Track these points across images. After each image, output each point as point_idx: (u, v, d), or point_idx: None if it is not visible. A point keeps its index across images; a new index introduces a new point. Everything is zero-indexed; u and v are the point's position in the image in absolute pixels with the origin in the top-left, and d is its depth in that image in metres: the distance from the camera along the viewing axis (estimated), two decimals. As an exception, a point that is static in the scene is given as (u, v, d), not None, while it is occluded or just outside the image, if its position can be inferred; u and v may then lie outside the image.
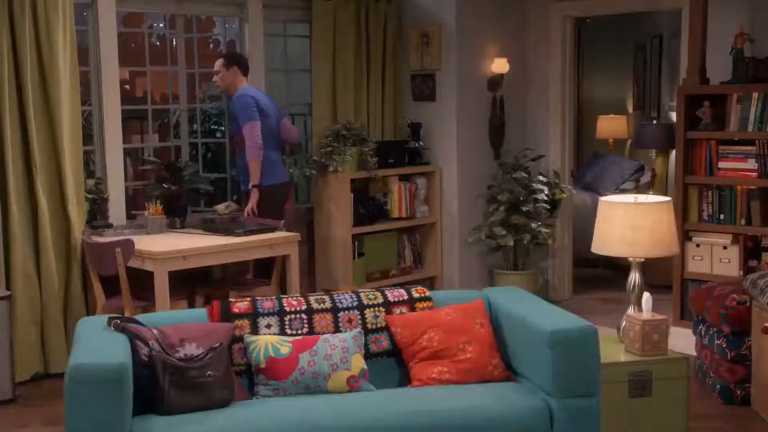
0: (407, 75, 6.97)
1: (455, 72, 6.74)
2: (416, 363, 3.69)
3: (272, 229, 5.48)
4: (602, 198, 4.00)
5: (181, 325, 3.59)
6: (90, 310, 5.36)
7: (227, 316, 3.68)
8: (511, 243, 6.66)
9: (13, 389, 4.94)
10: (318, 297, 3.82)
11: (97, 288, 5.17)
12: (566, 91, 7.09)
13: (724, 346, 4.65)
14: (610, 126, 9.57)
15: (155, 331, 3.49)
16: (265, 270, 5.75)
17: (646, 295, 3.88)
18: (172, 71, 6.49)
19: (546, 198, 6.73)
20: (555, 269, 7.22)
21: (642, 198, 3.94)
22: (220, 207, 5.99)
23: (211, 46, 9.89)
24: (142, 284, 5.12)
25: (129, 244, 4.97)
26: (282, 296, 3.83)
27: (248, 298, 3.80)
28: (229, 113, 5.95)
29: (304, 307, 3.75)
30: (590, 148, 10.13)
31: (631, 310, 3.96)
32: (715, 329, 4.77)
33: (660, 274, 6.37)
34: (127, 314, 4.78)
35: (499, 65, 6.86)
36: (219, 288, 5.62)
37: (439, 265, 6.92)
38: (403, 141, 6.76)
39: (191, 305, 5.62)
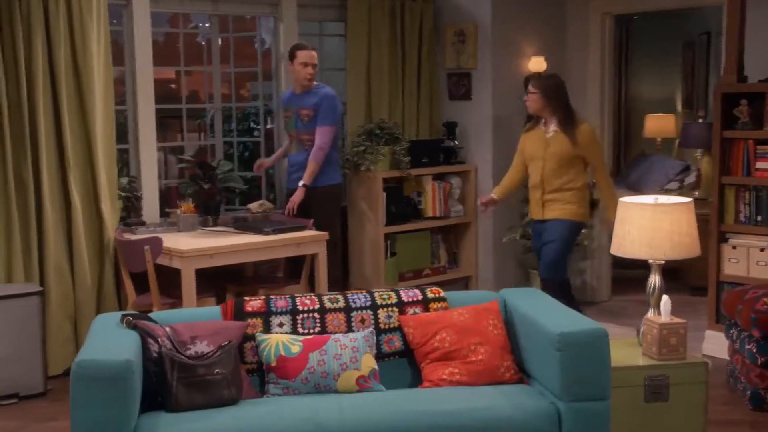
0: (443, 74, 6.94)
1: (491, 70, 6.69)
2: (428, 364, 3.67)
3: (301, 228, 5.50)
4: (621, 199, 3.93)
5: (193, 322, 3.62)
6: (122, 306, 5.45)
7: (240, 314, 3.71)
8: (546, 243, 6.57)
9: (44, 383, 5.04)
10: (331, 296, 3.82)
11: (128, 284, 5.26)
12: (605, 90, 6.99)
13: (754, 350, 4.54)
14: (658, 125, 9.40)
15: (168, 329, 3.52)
16: (298, 269, 5.78)
17: (665, 298, 3.80)
18: (210, 71, 6.55)
19: (584, 198, 6.64)
20: (593, 270, 7.12)
21: (662, 199, 3.86)
22: (254, 205, 6.03)
23: (256, 45, 9.97)
24: (171, 281, 5.19)
25: (157, 241, 5.04)
26: (296, 295, 3.84)
27: (262, 297, 3.82)
28: (309, 108, 5.80)
29: (317, 307, 3.76)
30: (637, 147, 9.99)
31: (650, 313, 3.89)
32: (745, 333, 4.66)
33: (699, 276, 6.24)
34: (155, 311, 4.86)
35: (536, 63, 6.79)
36: (249, 286, 5.65)
37: (474, 265, 6.88)
38: (437, 140, 6.73)
39: (220, 303, 5.66)
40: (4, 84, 5.05)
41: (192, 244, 5.12)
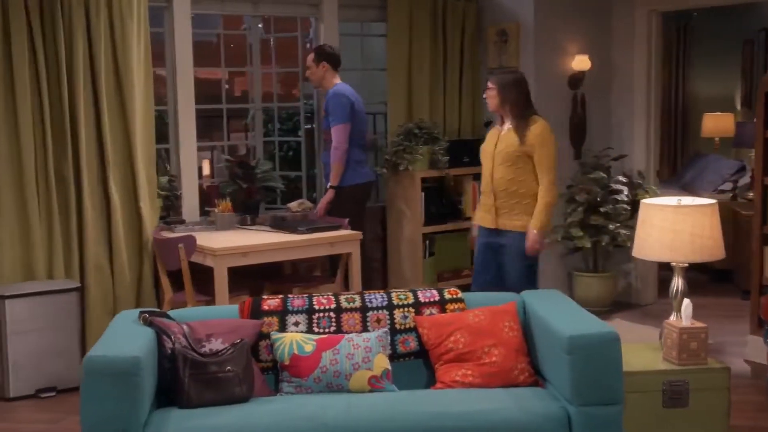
0: (485, 73, 6.89)
1: (533, 70, 6.61)
2: (441, 365, 3.66)
3: (336, 228, 5.53)
4: (643, 201, 3.86)
5: (209, 320, 3.67)
6: (160, 303, 5.55)
7: (257, 313, 3.75)
8: (589, 244, 6.50)
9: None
10: (348, 296, 3.84)
11: (165, 282, 5.36)
12: (651, 89, 6.86)
13: (790, 357, 4.42)
14: (716, 124, 9.19)
15: (185, 326, 3.58)
16: (335, 268, 5.81)
17: (686, 302, 3.72)
18: (251, 71, 6.63)
19: (627, 198, 6.54)
20: (638, 272, 7.00)
21: (686, 200, 3.78)
22: (294, 204, 6.10)
23: (308, 45, 10.07)
24: (209, 279, 5.26)
25: (191, 240, 5.11)
26: (314, 294, 3.87)
27: (280, 296, 3.85)
28: (323, 108, 5.95)
29: (333, 306, 3.78)
30: (696, 147, 9.79)
31: (673, 317, 3.81)
32: (782, 339, 4.54)
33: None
34: (189, 307, 4.95)
35: (581, 62, 6.71)
36: (285, 284, 5.70)
37: (516, 266, 6.80)
38: (477, 140, 6.67)
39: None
40: (46, 85, 5.19)
41: (225, 242, 5.18)
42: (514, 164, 4.78)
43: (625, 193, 6.54)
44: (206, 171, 7.53)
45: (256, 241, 5.27)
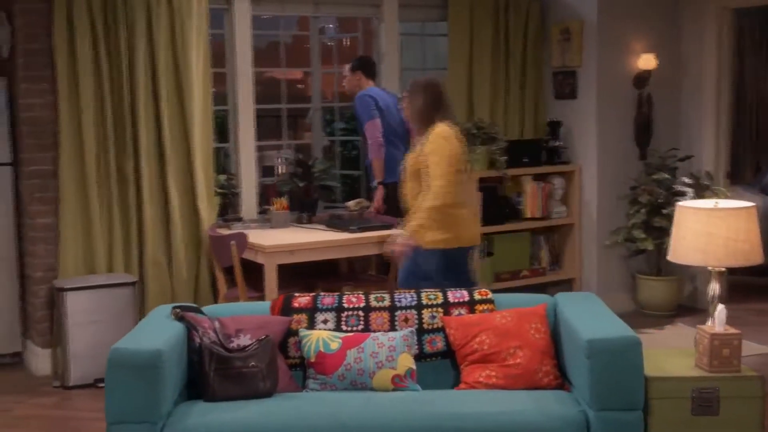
0: (549, 73, 6.83)
1: (597, 69, 6.52)
2: (467, 365, 3.66)
3: (388, 227, 5.56)
4: (678, 203, 3.77)
5: (240, 316, 3.76)
6: (217, 299, 5.68)
7: (287, 310, 3.82)
8: (651, 247, 6.37)
9: (139, 368, 5.32)
10: (378, 295, 3.87)
11: (219, 278, 5.49)
12: (722, 88, 6.66)
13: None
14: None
15: (215, 322, 3.67)
16: (388, 266, 5.85)
17: (720, 307, 3.62)
18: (313, 71, 6.73)
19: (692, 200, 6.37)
20: (704, 276, 6.79)
21: (723, 203, 3.67)
22: (351, 203, 6.15)
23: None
24: (262, 276, 5.36)
25: (242, 237, 5.23)
26: (345, 293, 3.91)
27: (311, 294, 3.91)
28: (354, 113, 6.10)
29: (362, 305, 3.82)
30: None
31: (709, 322, 3.71)
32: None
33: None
34: (241, 301, 5.06)
35: (646, 61, 6.57)
36: (337, 282, 5.76)
37: (578, 268, 6.73)
38: (537, 140, 6.63)
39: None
40: (108, 86, 5.38)
41: (276, 240, 5.27)
42: (418, 178, 4.54)
43: (691, 194, 6.37)
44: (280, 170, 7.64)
45: (306, 239, 5.34)
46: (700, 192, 6.44)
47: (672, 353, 3.81)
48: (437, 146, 4.43)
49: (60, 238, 5.37)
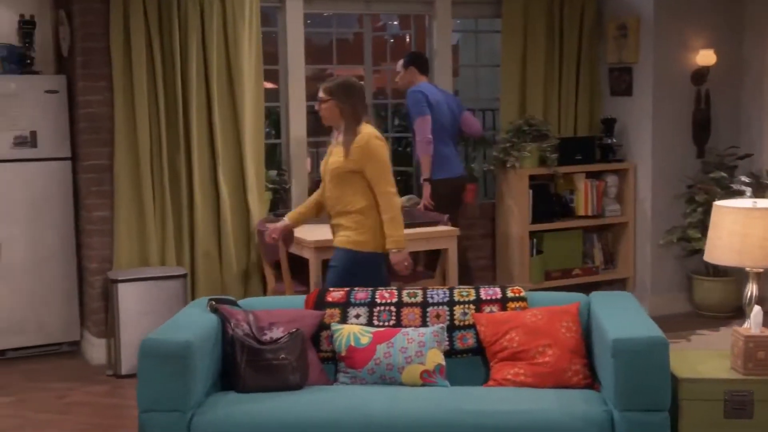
0: (604, 69, 6.75)
1: (653, 65, 6.42)
2: (496, 363, 3.67)
3: (434, 223, 5.58)
4: (715, 203, 3.70)
5: (274, 309, 3.83)
6: (265, 292, 5.77)
7: (321, 304, 3.87)
8: (707, 247, 6.24)
9: (188, 359, 5.46)
10: (410, 291, 3.90)
11: (268, 272, 5.59)
12: (786, 85, 6.50)
13: None
14: None
15: (250, 315, 3.75)
16: (435, 263, 5.87)
17: (756, 309, 3.55)
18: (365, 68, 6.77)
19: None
20: (766, 278, 6.64)
21: (762, 203, 3.60)
22: (402, 199, 6.16)
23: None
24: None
25: (289, 232, 5.29)
26: (378, 288, 3.95)
27: (345, 289, 3.96)
28: (405, 109, 6.14)
29: (394, 300, 3.85)
30: None
31: (746, 324, 3.65)
32: None
33: None
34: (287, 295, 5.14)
35: (705, 57, 6.44)
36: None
37: (632, 268, 6.64)
38: (590, 137, 6.56)
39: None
40: (162, 84, 5.51)
41: (322, 235, 5.31)
42: (344, 182, 4.40)
43: (749, 194, 6.23)
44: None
45: (352, 234, 5.38)
46: (760, 191, 6.29)
47: (708, 355, 3.76)
48: (372, 151, 4.36)
49: (115, 231, 5.53)
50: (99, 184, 5.56)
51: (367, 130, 4.41)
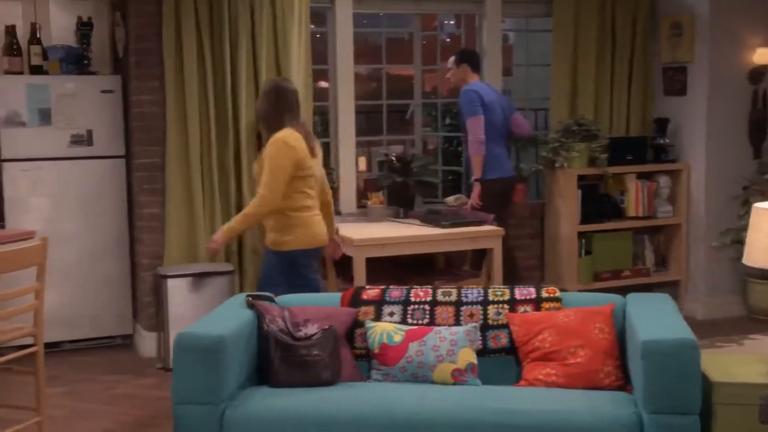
0: (658, 68, 6.65)
1: (708, 64, 6.31)
2: (528, 363, 3.66)
3: (480, 223, 5.58)
4: (755, 204, 3.63)
5: (309, 306, 3.88)
6: (312, 289, 5.83)
7: (356, 302, 3.91)
8: (761, 249, 6.11)
9: (235, 354, 5.55)
10: (445, 290, 3.92)
11: (313, 269, 5.65)
12: None
13: None
14: None
15: (286, 311, 3.81)
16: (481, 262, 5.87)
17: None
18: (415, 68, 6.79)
19: (808, 202, 6.08)
20: (826, 282, 6.48)
21: (805, 205, 3.52)
22: (450, 199, 6.20)
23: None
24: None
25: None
26: (413, 287, 3.97)
27: (381, 287, 3.99)
28: (458, 108, 6.14)
29: (429, 299, 3.87)
30: None
31: (786, 329, 3.58)
32: None
33: None
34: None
35: (762, 56, 6.31)
36: (429, 277, 5.81)
37: (684, 270, 6.54)
38: (640, 137, 6.48)
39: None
40: (211, 81, 5.62)
41: (367, 233, 5.38)
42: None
43: (807, 196, 6.08)
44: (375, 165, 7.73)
45: (397, 233, 5.43)
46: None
47: (745, 359, 3.69)
48: (273, 153, 4.44)
49: (165, 228, 5.65)
50: (151, 182, 5.69)
51: (281, 134, 4.48)
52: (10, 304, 4.02)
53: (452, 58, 6.10)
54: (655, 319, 3.46)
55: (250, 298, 3.83)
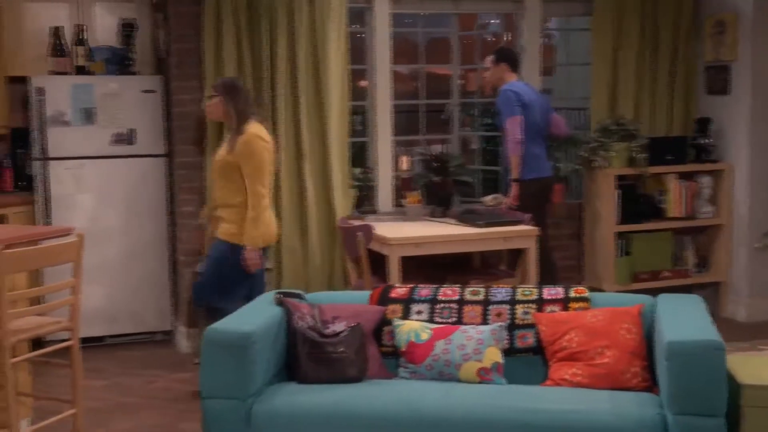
0: (701, 67, 6.57)
1: (752, 63, 6.22)
2: (555, 362, 3.66)
3: (516, 223, 5.57)
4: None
5: (338, 304, 3.92)
6: (348, 287, 5.88)
7: (384, 300, 3.94)
8: (804, 252, 6.03)
9: (271, 351, 5.62)
10: (473, 289, 3.93)
11: (349, 267, 5.69)
12: None
13: None
14: None
15: (315, 308, 3.85)
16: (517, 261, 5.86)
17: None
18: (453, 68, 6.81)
19: None
20: None
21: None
22: (488, 199, 6.19)
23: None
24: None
25: (368, 229, 5.39)
26: (442, 286, 3.99)
27: (409, 285, 4.02)
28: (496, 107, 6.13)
29: (456, 298, 3.89)
30: None
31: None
32: None
33: None
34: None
35: (808, 54, 6.21)
36: (464, 276, 5.82)
37: (725, 271, 6.45)
38: (681, 137, 6.40)
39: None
40: (250, 82, 5.69)
41: (402, 232, 5.40)
42: (226, 176, 4.61)
43: None
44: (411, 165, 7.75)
45: (432, 232, 5.44)
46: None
47: (777, 362, 3.64)
48: (253, 150, 4.55)
49: (204, 226, 5.73)
50: (189, 181, 5.78)
51: (254, 129, 4.60)
52: (49, 299, 4.12)
53: (490, 58, 6.09)
54: (682, 320, 3.44)
55: (280, 295, 3.88)
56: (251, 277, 4.66)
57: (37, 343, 4.56)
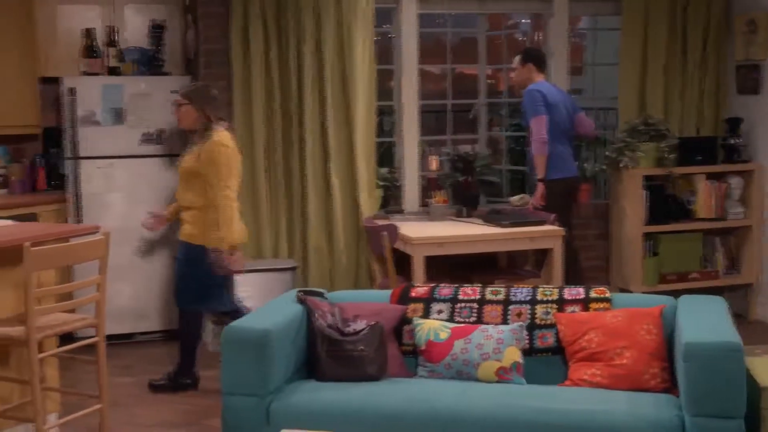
0: (731, 67, 6.51)
1: (782, 63, 6.16)
2: (574, 363, 3.65)
3: (541, 223, 5.56)
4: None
5: (359, 303, 3.95)
6: (373, 286, 5.91)
7: (405, 299, 3.96)
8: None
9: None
10: (493, 289, 3.94)
11: (374, 266, 5.73)
12: None
13: None
14: None
15: (336, 307, 3.88)
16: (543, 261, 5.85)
17: None
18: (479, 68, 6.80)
19: None
20: None
21: None
22: (515, 198, 6.19)
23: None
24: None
25: (393, 228, 5.41)
26: (463, 285, 4.00)
27: (430, 284, 4.03)
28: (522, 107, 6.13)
29: (477, 297, 3.90)
30: None
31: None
32: None
33: None
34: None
35: (840, 53, 6.12)
36: (489, 275, 5.82)
37: (756, 273, 6.38)
38: (710, 137, 6.35)
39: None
40: (277, 81, 5.75)
41: (426, 232, 5.41)
42: (190, 181, 4.78)
43: None
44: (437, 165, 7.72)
45: (456, 232, 5.45)
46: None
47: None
48: (215, 157, 4.67)
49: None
50: (218, 179, 5.83)
51: (218, 137, 4.72)
52: (77, 296, 4.19)
53: (517, 57, 6.08)
54: (701, 321, 3.41)
55: (302, 293, 3.92)
56: (225, 280, 4.83)
57: (68, 338, 4.64)
